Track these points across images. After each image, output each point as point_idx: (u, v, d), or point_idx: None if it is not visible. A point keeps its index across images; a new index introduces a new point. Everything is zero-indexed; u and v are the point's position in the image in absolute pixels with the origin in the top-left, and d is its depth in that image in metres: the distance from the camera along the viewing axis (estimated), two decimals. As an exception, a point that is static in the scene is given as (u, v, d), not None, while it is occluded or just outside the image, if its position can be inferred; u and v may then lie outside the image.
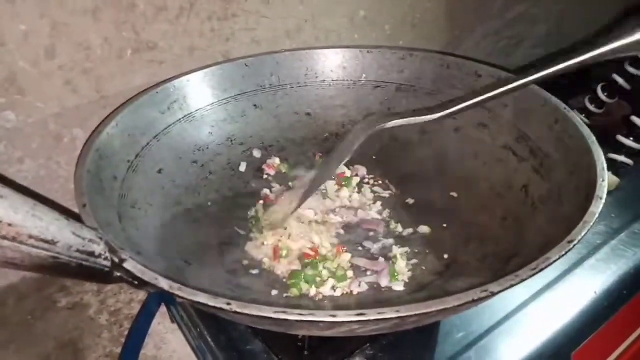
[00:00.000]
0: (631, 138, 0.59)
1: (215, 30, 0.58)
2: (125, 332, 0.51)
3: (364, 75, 0.61)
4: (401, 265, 0.45)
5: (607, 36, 0.39)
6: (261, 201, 0.53)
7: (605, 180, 0.37)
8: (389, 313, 0.26)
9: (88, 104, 0.53)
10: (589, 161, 0.39)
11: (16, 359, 0.49)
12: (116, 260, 0.29)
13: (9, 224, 0.23)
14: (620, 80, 0.63)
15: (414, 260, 0.46)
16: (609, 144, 0.58)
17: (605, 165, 0.38)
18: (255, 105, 0.58)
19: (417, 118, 0.46)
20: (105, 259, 0.29)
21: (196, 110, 0.54)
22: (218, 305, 0.26)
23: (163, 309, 0.53)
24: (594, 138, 0.41)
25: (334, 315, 0.26)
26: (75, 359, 0.49)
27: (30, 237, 0.24)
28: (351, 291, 0.43)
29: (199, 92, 0.55)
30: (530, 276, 0.29)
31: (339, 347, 0.40)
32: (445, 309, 0.27)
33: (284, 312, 0.26)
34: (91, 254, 0.28)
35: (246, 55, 0.59)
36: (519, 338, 0.43)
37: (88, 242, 0.28)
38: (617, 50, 0.38)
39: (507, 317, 0.44)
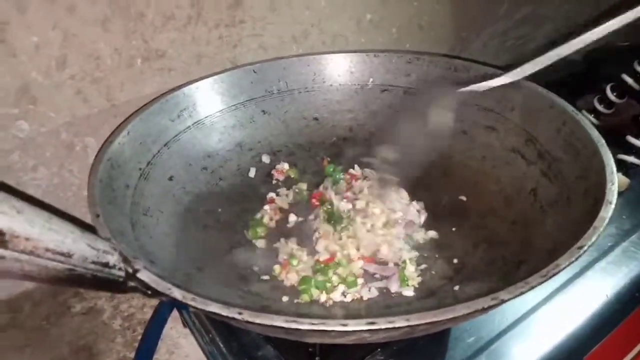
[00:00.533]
0: (641, 138, 0.58)
1: (222, 38, 0.59)
2: (139, 337, 0.51)
3: (371, 79, 0.61)
4: (411, 270, 0.45)
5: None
6: (266, 206, 0.53)
7: (615, 184, 0.37)
8: (400, 322, 0.26)
9: (99, 113, 0.54)
10: (598, 164, 0.39)
11: (33, 363, 0.49)
12: (130, 270, 0.30)
13: (27, 239, 0.24)
14: (629, 80, 0.62)
15: (424, 265, 0.46)
16: (618, 145, 0.58)
17: (614, 169, 0.38)
18: (263, 111, 0.59)
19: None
20: (120, 269, 0.29)
21: (206, 117, 0.55)
22: (230, 315, 0.27)
23: (175, 314, 0.53)
24: (603, 141, 0.41)
25: (345, 325, 0.26)
26: (90, 363, 0.50)
27: (47, 250, 0.25)
28: (361, 297, 0.44)
29: (208, 99, 0.55)
30: (540, 283, 0.29)
31: (350, 353, 0.41)
32: (455, 318, 0.27)
33: (295, 321, 0.26)
34: (106, 265, 0.28)
35: (254, 61, 0.60)
36: (530, 342, 0.43)
37: (102, 254, 0.28)
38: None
39: (518, 322, 0.44)
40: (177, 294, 0.28)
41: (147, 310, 0.55)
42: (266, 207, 0.54)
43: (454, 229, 0.50)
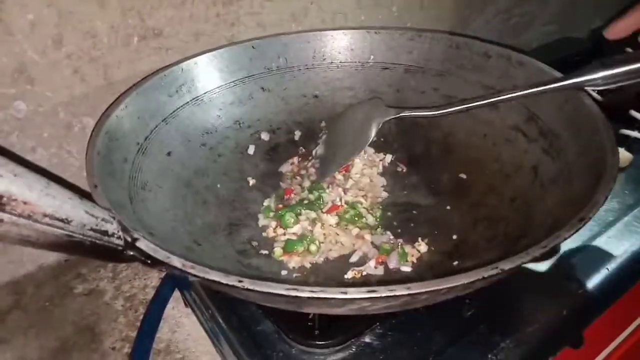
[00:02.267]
0: (645, 113, 0.58)
1: (220, 15, 0.58)
2: (141, 317, 0.52)
3: (372, 57, 0.61)
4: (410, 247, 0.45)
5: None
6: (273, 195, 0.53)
7: (617, 157, 0.36)
8: (400, 290, 0.26)
9: (97, 92, 0.53)
10: (600, 140, 0.39)
11: (37, 343, 0.50)
12: (129, 239, 0.30)
13: (25, 202, 0.24)
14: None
15: (423, 241, 0.46)
16: (622, 120, 0.58)
17: (615, 144, 0.38)
18: (263, 88, 0.58)
19: (424, 112, 0.50)
20: (119, 238, 0.29)
21: (204, 94, 0.55)
22: (230, 283, 0.27)
23: (177, 293, 0.54)
24: (604, 117, 0.41)
25: (344, 293, 0.26)
26: (93, 342, 0.50)
27: (45, 215, 0.25)
28: (361, 273, 0.44)
29: (206, 75, 0.55)
30: (542, 254, 0.29)
31: (349, 326, 0.41)
32: (455, 287, 0.27)
33: (295, 289, 0.26)
34: (104, 232, 0.28)
35: (254, 38, 0.59)
36: (530, 316, 0.43)
37: (101, 221, 0.28)
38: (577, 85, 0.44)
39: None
40: (177, 262, 0.28)
41: (149, 291, 0.55)
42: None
43: (453, 206, 0.49)
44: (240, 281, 0.26)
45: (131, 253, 0.30)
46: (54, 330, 0.51)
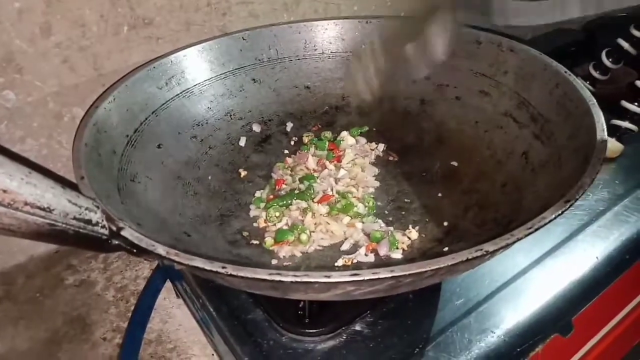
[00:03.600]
0: (636, 103, 0.57)
1: (211, 5, 0.58)
2: (132, 308, 0.52)
3: (363, 46, 0.60)
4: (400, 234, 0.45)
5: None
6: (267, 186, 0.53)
7: (605, 140, 0.36)
8: (383, 273, 0.26)
9: (87, 82, 0.53)
10: (589, 123, 0.39)
11: (27, 334, 0.50)
12: (114, 228, 0.29)
13: (4, 191, 0.23)
14: (625, 45, 0.61)
15: (414, 228, 0.46)
16: (613, 111, 0.58)
17: (604, 126, 0.38)
18: (254, 79, 0.58)
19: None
20: (103, 227, 0.29)
21: (194, 86, 0.54)
22: (214, 269, 0.27)
23: (168, 284, 0.54)
24: (594, 100, 0.41)
25: (328, 276, 0.26)
26: (84, 333, 0.50)
27: (26, 204, 0.25)
28: (351, 261, 0.44)
29: (197, 67, 0.55)
30: (526, 235, 0.29)
31: (339, 314, 0.41)
32: (439, 269, 0.27)
33: (278, 274, 0.26)
34: (88, 222, 0.28)
35: (244, 29, 0.59)
36: (520, 304, 0.43)
37: (85, 211, 0.28)
38: None
39: (507, 284, 0.44)
40: (161, 249, 0.28)
41: (140, 282, 0.55)
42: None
43: (445, 193, 0.49)
44: (223, 267, 0.26)
45: (116, 242, 0.30)
46: (44, 321, 0.51)
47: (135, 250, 0.30)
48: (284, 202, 0.48)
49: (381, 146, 0.57)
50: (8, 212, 0.24)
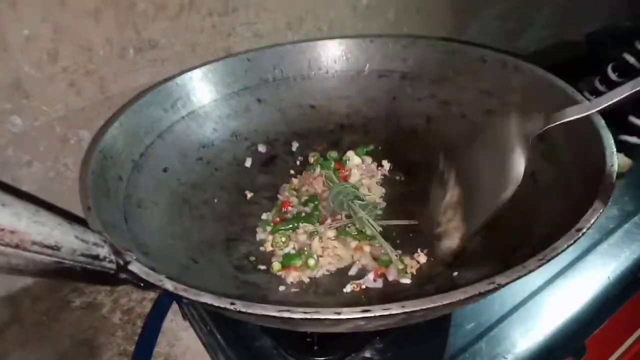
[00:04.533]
0: (644, 119, 0.57)
1: (216, 26, 0.58)
2: (139, 331, 0.51)
3: (367, 65, 0.60)
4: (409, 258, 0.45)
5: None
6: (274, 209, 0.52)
7: (615, 165, 0.36)
8: (395, 309, 0.26)
9: (93, 106, 0.53)
10: (598, 146, 0.38)
11: (34, 358, 0.50)
12: (121, 262, 0.29)
13: (12, 232, 0.23)
14: (631, 59, 0.61)
15: (423, 252, 0.46)
16: (620, 126, 0.57)
17: (614, 150, 0.37)
18: (259, 99, 0.58)
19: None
20: (110, 261, 0.29)
21: (200, 107, 0.54)
22: (223, 305, 0.26)
23: (175, 306, 0.53)
24: (603, 122, 0.40)
25: (338, 313, 0.26)
26: (91, 356, 0.50)
27: (34, 243, 0.24)
28: (360, 286, 0.43)
29: (201, 88, 0.55)
30: (538, 267, 0.28)
31: (348, 341, 0.40)
32: (451, 303, 0.26)
33: (288, 310, 0.26)
34: (96, 257, 0.28)
35: (248, 49, 0.59)
36: (531, 327, 0.43)
37: (92, 246, 0.28)
38: None
39: (518, 306, 0.44)
40: (169, 285, 0.28)
41: (146, 304, 0.55)
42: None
43: (453, 215, 0.49)
44: (232, 303, 0.26)
45: (124, 276, 0.29)
46: (51, 344, 0.51)
47: (142, 284, 0.30)
48: (291, 225, 0.48)
49: (387, 165, 0.56)
50: (16, 252, 0.24)
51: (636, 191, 0.56)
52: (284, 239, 0.46)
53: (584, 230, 0.30)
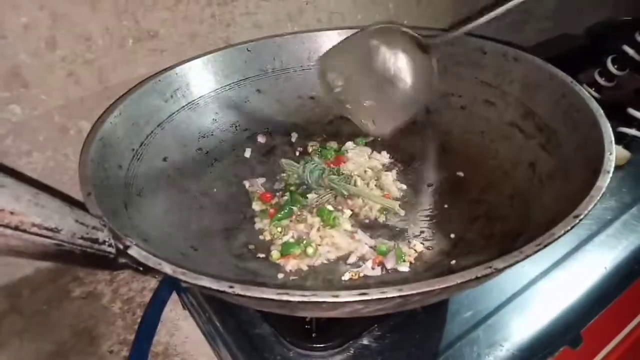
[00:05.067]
0: (643, 111, 0.57)
1: (215, 16, 0.58)
2: (139, 320, 0.51)
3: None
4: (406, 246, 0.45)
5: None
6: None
7: (613, 153, 0.36)
8: (392, 292, 0.26)
9: (92, 96, 0.53)
10: (597, 135, 0.38)
11: (33, 347, 0.50)
12: (121, 246, 0.29)
13: (12, 212, 0.23)
14: (630, 51, 0.61)
15: (420, 241, 0.46)
16: (619, 118, 0.57)
17: (612, 139, 0.37)
18: (258, 90, 0.58)
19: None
20: (110, 245, 0.29)
21: (199, 98, 0.54)
22: (221, 288, 0.27)
23: (175, 296, 0.53)
24: (601, 111, 0.40)
25: (336, 296, 0.26)
26: (91, 346, 0.50)
27: (34, 225, 0.25)
28: (358, 274, 0.43)
29: (201, 79, 0.55)
30: (535, 252, 0.29)
31: (346, 328, 0.41)
32: (448, 287, 0.26)
33: (286, 293, 0.26)
34: (95, 241, 0.28)
35: (248, 40, 0.59)
36: (528, 316, 0.43)
37: (92, 230, 0.28)
38: None
39: (515, 295, 0.44)
40: (168, 268, 0.28)
41: (146, 294, 0.55)
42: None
43: (452, 204, 0.49)
44: (231, 287, 0.26)
45: (123, 260, 0.29)
46: (50, 334, 0.51)
47: (141, 269, 0.30)
48: (284, 213, 0.48)
49: (386, 156, 0.56)
50: (15, 234, 0.24)
51: (634, 183, 0.56)
52: (279, 229, 0.46)
53: (581, 216, 0.31)
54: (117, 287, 0.56)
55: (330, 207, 0.48)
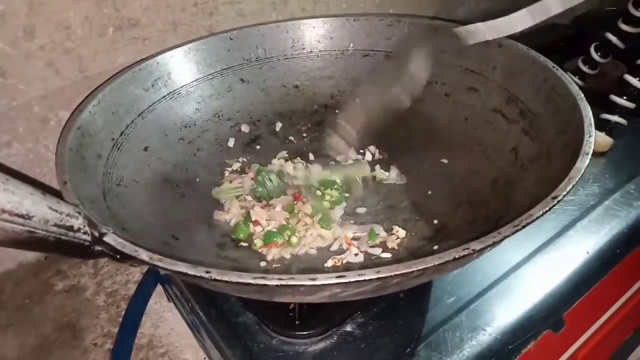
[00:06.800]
0: (625, 97, 0.57)
1: (198, 5, 0.57)
2: (123, 313, 0.51)
3: (351, 44, 0.60)
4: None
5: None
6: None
7: (593, 136, 0.36)
8: (369, 274, 0.26)
9: (72, 85, 0.52)
10: (577, 118, 0.38)
11: (16, 341, 0.49)
12: (96, 234, 0.29)
13: (-21, 199, 0.23)
14: (613, 38, 0.61)
15: (403, 227, 0.46)
16: (603, 106, 0.58)
17: (592, 121, 0.38)
18: (242, 79, 0.58)
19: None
20: (85, 233, 0.29)
21: (181, 87, 0.54)
22: (198, 274, 0.26)
23: (160, 288, 0.53)
24: (582, 95, 0.40)
25: (313, 279, 0.26)
26: (74, 339, 0.49)
27: (4, 211, 0.24)
28: (341, 261, 0.43)
29: (183, 68, 0.54)
30: (513, 233, 0.29)
31: (330, 316, 0.41)
32: (426, 269, 0.26)
33: (263, 277, 0.26)
34: (70, 228, 0.28)
35: (231, 28, 0.58)
36: (511, 301, 0.43)
37: (66, 217, 0.28)
38: None
39: (498, 281, 0.44)
40: (144, 255, 0.27)
41: (130, 286, 0.55)
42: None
43: (435, 191, 0.49)
44: (207, 272, 0.26)
45: (99, 248, 0.29)
46: (33, 328, 0.50)
47: (118, 256, 0.29)
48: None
49: (373, 148, 0.56)
50: (-16, 220, 0.23)
51: (616, 169, 0.57)
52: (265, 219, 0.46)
53: (560, 197, 0.31)
54: (100, 280, 0.56)
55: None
